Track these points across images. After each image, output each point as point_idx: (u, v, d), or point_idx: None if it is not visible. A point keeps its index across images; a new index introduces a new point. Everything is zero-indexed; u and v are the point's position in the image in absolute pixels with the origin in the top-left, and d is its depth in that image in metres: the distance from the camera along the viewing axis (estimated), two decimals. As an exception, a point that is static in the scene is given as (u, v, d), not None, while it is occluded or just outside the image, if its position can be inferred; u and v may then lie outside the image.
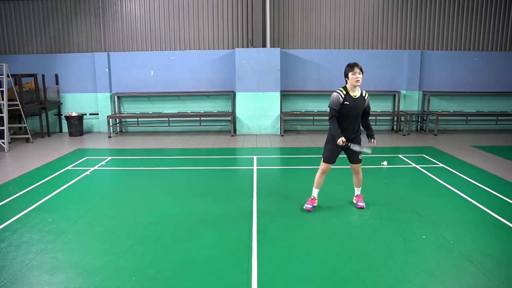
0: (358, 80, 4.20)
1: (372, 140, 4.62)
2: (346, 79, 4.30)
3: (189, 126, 10.74)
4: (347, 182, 5.85)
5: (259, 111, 10.11)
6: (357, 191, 4.87)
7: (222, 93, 10.44)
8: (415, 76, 10.47)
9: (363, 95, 4.41)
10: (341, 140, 4.29)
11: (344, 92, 4.31)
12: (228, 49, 10.52)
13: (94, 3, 10.38)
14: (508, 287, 3.08)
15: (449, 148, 8.26)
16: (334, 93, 4.34)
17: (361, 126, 4.62)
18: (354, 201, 4.87)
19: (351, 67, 4.24)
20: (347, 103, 4.29)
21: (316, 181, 4.67)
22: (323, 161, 4.58)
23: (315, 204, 4.73)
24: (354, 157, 4.59)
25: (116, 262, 3.48)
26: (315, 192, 4.71)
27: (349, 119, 4.37)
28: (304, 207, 4.69)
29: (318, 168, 4.67)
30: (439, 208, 4.75)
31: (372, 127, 4.80)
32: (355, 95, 4.33)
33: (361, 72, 4.23)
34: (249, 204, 4.90)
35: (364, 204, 4.79)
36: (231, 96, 10.42)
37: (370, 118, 4.74)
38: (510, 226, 4.20)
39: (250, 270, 3.34)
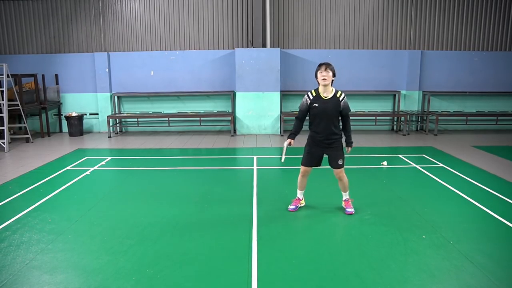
0: (325, 79, 4.08)
1: (348, 148, 4.46)
2: (317, 80, 4.23)
3: (189, 126, 10.74)
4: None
5: (259, 111, 10.11)
6: (345, 196, 4.63)
7: (222, 93, 10.44)
8: (415, 76, 10.47)
9: (338, 96, 4.22)
10: (288, 142, 4.45)
11: (314, 94, 4.24)
12: (228, 49, 10.52)
13: (94, 3, 10.38)
14: (508, 287, 3.08)
15: (449, 148, 8.26)
16: (305, 95, 4.34)
17: (342, 130, 4.44)
18: (343, 206, 4.65)
19: (319, 66, 4.17)
20: (316, 105, 4.19)
21: (298, 183, 4.65)
22: (301, 164, 4.54)
23: (300, 205, 4.73)
24: (332, 162, 4.39)
25: (116, 262, 3.48)
26: (299, 194, 4.71)
27: (322, 121, 4.24)
28: (288, 208, 4.66)
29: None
30: (439, 208, 4.75)
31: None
32: (325, 96, 4.20)
33: (328, 71, 4.09)
34: (249, 204, 4.90)
35: (353, 210, 4.56)
36: (231, 96, 10.42)
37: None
38: (510, 226, 4.20)
39: (250, 270, 3.34)
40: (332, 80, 4.19)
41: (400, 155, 7.56)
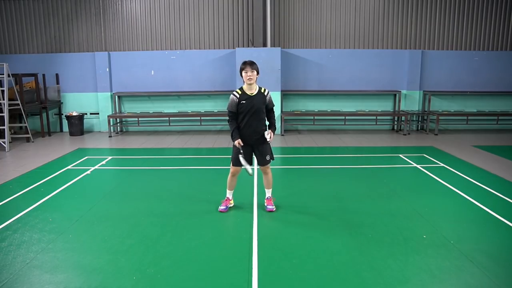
0: (250, 78, 4.24)
1: (269, 131, 4.42)
2: (242, 77, 4.35)
3: (189, 125, 10.74)
4: (345, 182, 5.86)
5: (259, 110, 10.09)
6: (268, 193, 4.75)
7: (223, 93, 10.43)
8: (415, 75, 10.46)
9: (262, 91, 4.40)
10: (237, 143, 4.38)
11: (240, 92, 4.34)
12: (228, 48, 10.52)
13: (95, 2, 10.38)
14: (509, 287, 3.08)
15: (449, 147, 8.26)
16: (231, 95, 4.38)
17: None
18: (265, 204, 4.73)
19: (243, 65, 4.27)
20: (244, 102, 4.31)
21: (228, 184, 4.67)
22: (232, 165, 4.57)
23: (230, 205, 4.74)
24: (260, 158, 4.56)
25: (116, 262, 3.49)
26: (229, 194, 4.72)
27: (248, 116, 4.35)
28: (219, 209, 4.66)
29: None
30: (439, 208, 4.75)
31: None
32: (251, 93, 4.33)
33: (253, 70, 4.23)
34: (250, 204, 4.90)
35: (274, 207, 4.67)
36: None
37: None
38: (510, 226, 4.20)
39: (250, 270, 3.34)
40: (256, 78, 4.33)
41: (400, 155, 7.55)
